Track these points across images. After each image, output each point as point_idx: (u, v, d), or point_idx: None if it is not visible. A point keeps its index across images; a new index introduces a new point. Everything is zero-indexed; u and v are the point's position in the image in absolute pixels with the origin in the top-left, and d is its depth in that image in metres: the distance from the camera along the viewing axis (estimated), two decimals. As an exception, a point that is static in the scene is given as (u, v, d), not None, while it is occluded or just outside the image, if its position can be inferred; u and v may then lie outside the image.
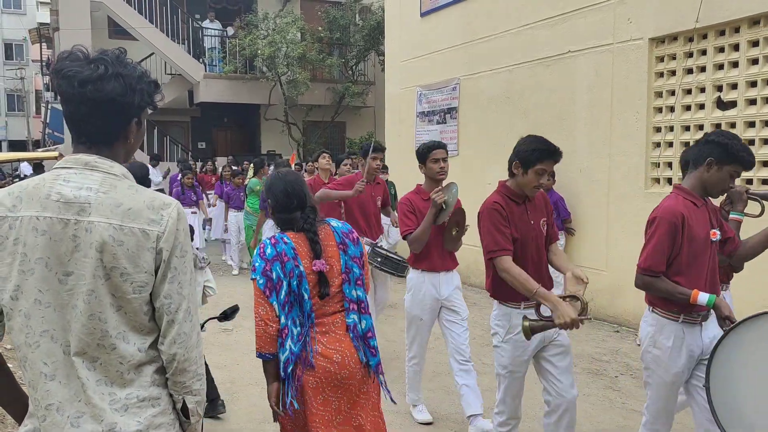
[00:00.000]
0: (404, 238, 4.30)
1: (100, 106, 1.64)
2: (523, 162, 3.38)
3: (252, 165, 11.31)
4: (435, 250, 4.36)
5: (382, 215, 6.15)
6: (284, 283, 2.62)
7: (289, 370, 2.61)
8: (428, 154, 4.38)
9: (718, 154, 3.03)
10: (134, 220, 1.64)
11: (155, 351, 1.72)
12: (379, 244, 5.54)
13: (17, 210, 1.61)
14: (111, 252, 1.61)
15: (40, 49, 26.92)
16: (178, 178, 11.95)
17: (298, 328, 2.63)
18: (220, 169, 13.61)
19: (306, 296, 2.64)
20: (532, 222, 3.43)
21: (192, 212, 10.92)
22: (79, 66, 1.63)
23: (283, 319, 2.62)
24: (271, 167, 10.90)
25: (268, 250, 2.68)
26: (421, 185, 4.57)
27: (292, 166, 11.57)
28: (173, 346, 1.70)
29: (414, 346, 4.60)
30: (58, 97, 1.70)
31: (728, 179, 3.05)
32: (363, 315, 2.78)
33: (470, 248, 6.02)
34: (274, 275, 2.63)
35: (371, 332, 2.78)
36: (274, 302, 2.62)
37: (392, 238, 8.96)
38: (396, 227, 7.08)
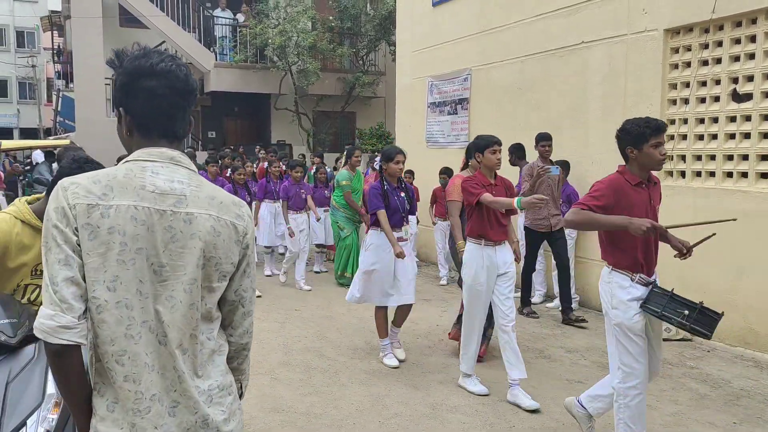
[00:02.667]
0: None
1: (191, 100, 1.73)
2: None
3: (345, 153, 9.66)
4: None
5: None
6: None
7: None
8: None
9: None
10: (226, 213, 1.71)
11: (220, 339, 1.77)
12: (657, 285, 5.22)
13: (108, 199, 1.58)
14: (212, 242, 1.66)
15: (52, 36, 26.97)
16: (226, 174, 10.03)
17: None
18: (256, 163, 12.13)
19: None
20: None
21: None
22: (170, 62, 1.68)
23: None
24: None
25: None
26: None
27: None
28: (245, 335, 1.83)
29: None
30: (131, 95, 1.68)
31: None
32: None
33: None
34: None
35: None
36: None
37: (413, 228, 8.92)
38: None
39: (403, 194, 5.65)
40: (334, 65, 18.11)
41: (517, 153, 7.95)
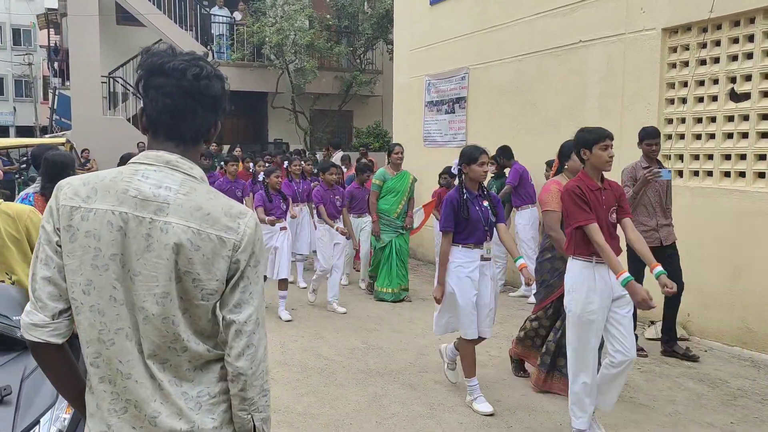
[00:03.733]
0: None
1: (205, 102, 1.64)
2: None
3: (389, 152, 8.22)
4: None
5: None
6: None
7: None
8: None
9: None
10: (212, 225, 1.59)
11: (221, 350, 1.66)
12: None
13: (91, 201, 1.55)
14: (187, 256, 1.56)
15: (48, 34, 26.88)
16: (260, 178, 7.92)
17: None
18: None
19: None
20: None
21: (281, 228, 7.16)
22: (186, 62, 1.62)
23: None
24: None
25: None
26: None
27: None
28: (240, 359, 1.63)
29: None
30: (144, 92, 1.64)
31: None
32: None
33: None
34: None
35: None
36: None
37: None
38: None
39: (486, 203, 4.68)
40: (331, 64, 18.08)
41: (505, 155, 8.01)
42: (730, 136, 6.13)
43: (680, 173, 6.55)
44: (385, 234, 7.81)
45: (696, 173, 6.43)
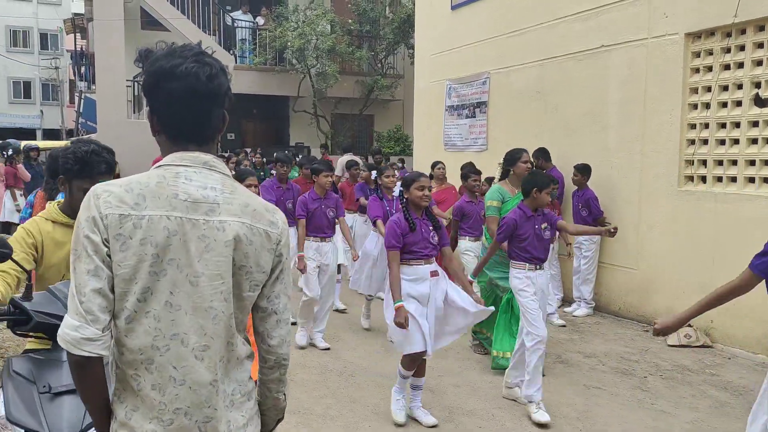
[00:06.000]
0: None
1: (219, 101, 1.67)
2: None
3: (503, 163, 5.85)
4: None
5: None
6: None
7: None
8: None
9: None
10: (259, 220, 1.66)
11: (248, 346, 1.73)
12: None
13: (140, 208, 1.54)
14: (243, 251, 1.61)
15: (75, 39, 27.28)
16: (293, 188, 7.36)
17: None
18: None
19: None
20: None
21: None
22: (195, 62, 1.60)
23: None
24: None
25: None
26: None
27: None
28: (283, 345, 1.76)
29: None
30: (154, 96, 1.64)
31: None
32: None
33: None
34: None
35: None
36: None
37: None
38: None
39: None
40: (352, 68, 18.14)
41: (544, 156, 7.84)
42: (754, 141, 6.06)
43: (703, 179, 6.49)
44: (504, 279, 5.23)
45: (719, 179, 6.37)
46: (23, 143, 12.98)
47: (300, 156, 13.81)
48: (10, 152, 10.49)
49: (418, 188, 4.32)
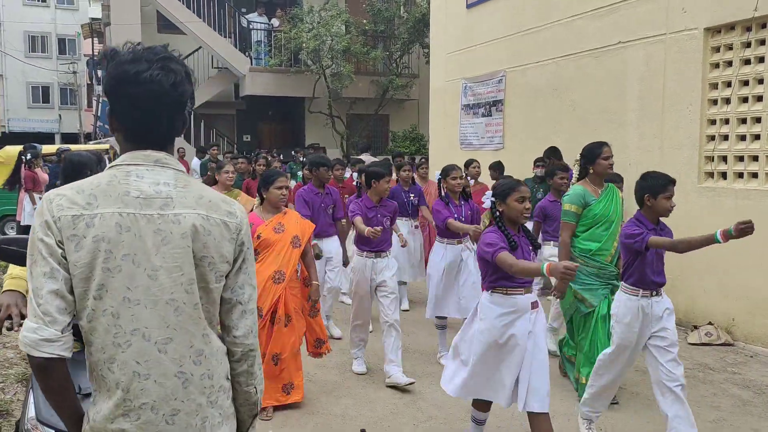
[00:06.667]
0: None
1: (180, 106, 1.68)
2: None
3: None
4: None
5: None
6: None
7: None
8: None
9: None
10: (215, 211, 1.68)
11: (222, 342, 1.74)
12: None
13: (93, 207, 1.57)
14: (202, 241, 1.64)
15: (92, 43, 27.57)
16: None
17: None
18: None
19: None
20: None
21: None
22: (160, 69, 1.61)
23: None
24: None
25: None
26: None
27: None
28: (249, 336, 1.76)
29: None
30: (114, 98, 1.65)
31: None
32: None
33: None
34: None
35: None
36: None
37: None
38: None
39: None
40: (367, 68, 18.16)
41: (555, 156, 7.85)
42: (775, 136, 5.98)
43: (724, 175, 6.41)
44: (592, 291, 4.59)
45: (740, 175, 6.29)
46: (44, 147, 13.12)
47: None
48: (29, 157, 10.59)
49: (517, 200, 3.51)
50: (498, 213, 3.61)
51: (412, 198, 7.24)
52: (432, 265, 5.60)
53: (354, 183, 6.90)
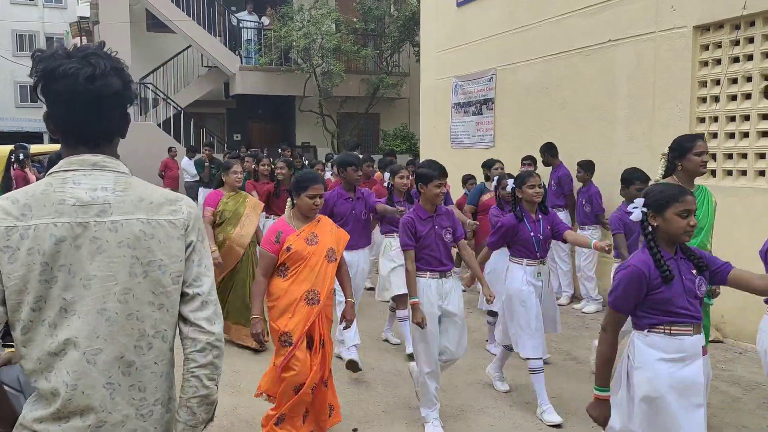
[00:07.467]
0: None
1: (106, 102, 1.62)
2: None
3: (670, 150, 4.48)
4: None
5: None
6: None
7: None
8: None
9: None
10: (158, 212, 1.64)
11: (169, 353, 1.70)
12: None
13: (27, 218, 1.53)
14: (145, 246, 1.60)
15: (80, 42, 27.40)
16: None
17: None
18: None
19: None
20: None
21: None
22: (78, 63, 1.57)
23: None
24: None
25: None
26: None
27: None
28: (214, 324, 1.69)
29: None
30: (44, 98, 1.60)
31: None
32: None
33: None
34: None
35: None
36: None
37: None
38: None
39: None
40: (358, 67, 18.14)
41: (550, 152, 7.88)
42: (764, 134, 6.02)
43: (713, 172, 6.44)
44: None
45: (729, 173, 6.33)
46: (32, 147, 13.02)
47: (335, 154, 13.38)
48: (21, 157, 10.51)
49: (680, 213, 2.70)
50: (651, 229, 2.79)
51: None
52: (514, 293, 4.61)
53: (385, 185, 6.19)
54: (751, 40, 6.11)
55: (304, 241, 3.81)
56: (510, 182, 4.98)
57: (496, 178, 5.72)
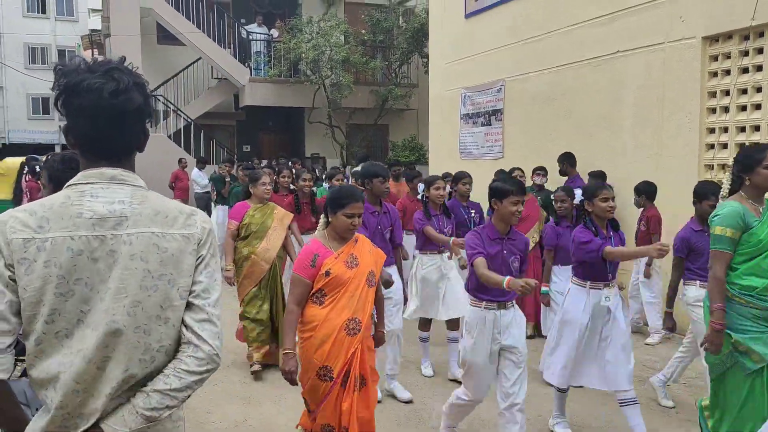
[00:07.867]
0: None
1: (128, 117, 1.63)
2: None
3: None
4: None
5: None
6: None
7: None
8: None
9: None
10: (172, 226, 1.65)
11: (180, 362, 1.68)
12: None
13: (45, 231, 1.54)
14: (157, 260, 1.61)
15: (92, 55, 27.63)
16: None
17: None
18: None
19: None
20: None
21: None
22: (101, 77, 1.58)
23: None
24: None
25: None
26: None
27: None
28: (217, 340, 1.67)
29: None
30: (64, 111, 1.61)
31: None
32: None
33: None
34: None
35: None
36: None
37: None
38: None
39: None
40: (366, 78, 18.20)
41: (569, 161, 7.79)
42: (775, 144, 6.00)
43: (723, 183, 6.42)
44: (763, 341, 3.32)
45: (740, 183, 6.30)
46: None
47: (339, 167, 13.24)
48: (37, 168, 10.61)
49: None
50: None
51: (473, 215, 5.95)
52: (570, 319, 4.22)
53: (419, 197, 5.80)
54: (760, 51, 6.11)
55: (344, 264, 3.37)
56: (578, 193, 4.74)
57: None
